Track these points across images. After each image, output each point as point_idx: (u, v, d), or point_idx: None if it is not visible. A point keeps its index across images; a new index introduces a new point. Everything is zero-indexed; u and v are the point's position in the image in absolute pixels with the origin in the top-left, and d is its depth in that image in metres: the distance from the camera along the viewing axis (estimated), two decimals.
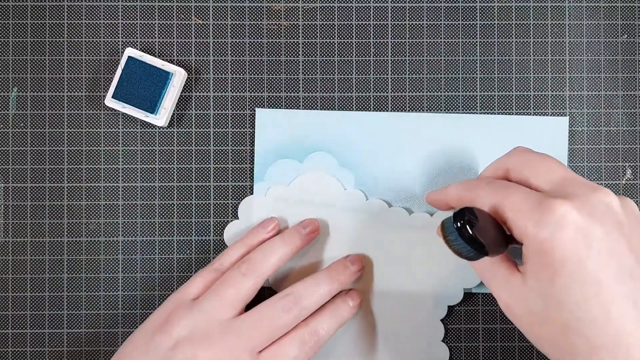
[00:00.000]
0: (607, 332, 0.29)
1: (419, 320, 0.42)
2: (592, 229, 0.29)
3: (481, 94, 0.43)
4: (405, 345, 0.42)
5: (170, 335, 0.36)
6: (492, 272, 0.33)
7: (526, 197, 0.31)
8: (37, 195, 0.43)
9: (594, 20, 0.43)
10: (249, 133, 0.43)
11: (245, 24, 0.43)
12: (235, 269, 0.38)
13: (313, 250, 0.42)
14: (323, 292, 0.38)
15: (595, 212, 0.30)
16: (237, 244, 0.40)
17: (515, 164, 0.34)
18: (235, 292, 0.37)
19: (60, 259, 0.43)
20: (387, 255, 0.42)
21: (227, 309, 0.36)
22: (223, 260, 0.39)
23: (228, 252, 0.40)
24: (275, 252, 0.39)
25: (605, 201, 0.30)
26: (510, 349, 0.43)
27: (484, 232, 0.31)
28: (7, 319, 0.43)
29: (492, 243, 0.32)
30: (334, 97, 0.43)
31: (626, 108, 0.43)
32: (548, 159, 0.33)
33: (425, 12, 0.43)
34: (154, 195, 0.43)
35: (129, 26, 0.43)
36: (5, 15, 0.43)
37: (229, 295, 0.37)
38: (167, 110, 0.42)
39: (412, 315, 0.42)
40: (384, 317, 0.42)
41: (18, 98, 0.43)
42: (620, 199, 0.31)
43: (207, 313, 0.36)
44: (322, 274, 0.39)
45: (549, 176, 0.32)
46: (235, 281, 0.37)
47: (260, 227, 0.41)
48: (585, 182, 0.32)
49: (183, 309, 0.37)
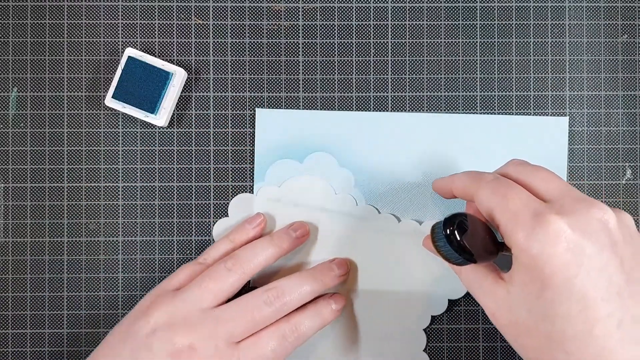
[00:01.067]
0: (588, 349, 0.29)
1: (403, 328, 0.42)
2: (583, 246, 0.29)
3: (481, 94, 0.43)
4: (388, 352, 0.42)
5: (148, 321, 0.36)
6: (478, 281, 0.33)
7: (526, 204, 0.31)
8: (37, 195, 0.43)
9: (594, 20, 0.43)
10: (249, 133, 0.43)
11: (245, 24, 0.43)
12: (221, 263, 0.38)
13: (300, 252, 0.42)
14: (306, 290, 0.38)
15: (589, 230, 0.30)
16: (223, 239, 0.40)
17: (512, 175, 0.34)
18: (218, 285, 0.37)
19: (60, 259, 0.43)
20: (374, 261, 0.42)
21: (209, 298, 0.37)
22: (208, 255, 0.40)
23: (214, 246, 0.40)
24: (263, 252, 0.39)
25: (600, 219, 0.30)
26: (510, 349, 0.43)
27: (474, 239, 0.32)
28: (7, 319, 0.43)
29: (481, 251, 0.32)
30: (334, 97, 0.43)
31: (626, 108, 0.43)
32: (543, 170, 0.33)
33: (425, 12, 0.43)
34: (154, 195, 0.43)
35: (129, 26, 0.43)
36: (5, 15, 0.43)
37: (211, 287, 0.37)
38: (167, 110, 0.42)
39: (396, 323, 0.42)
40: (367, 322, 0.42)
41: (18, 98, 0.43)
42: (616, 214, 0.31)
43: (188, 301, 0.36)
44: (307, 273, 0.39)
45: (545, 186, 0.32)
46: (220, 275, 0.37)
47: (247, 222, 0.41)
48: (582, 198, 0.31)
49: (164, 297, 0.37)
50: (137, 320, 0.36)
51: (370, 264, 0.42)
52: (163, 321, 0.36)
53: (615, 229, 0.30)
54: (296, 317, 0.38)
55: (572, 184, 0.43)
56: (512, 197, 0.31)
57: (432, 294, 0.42)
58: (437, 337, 0.43)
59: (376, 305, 0.42)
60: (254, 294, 0.37)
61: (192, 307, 0.36)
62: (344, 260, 0.41)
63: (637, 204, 0.43)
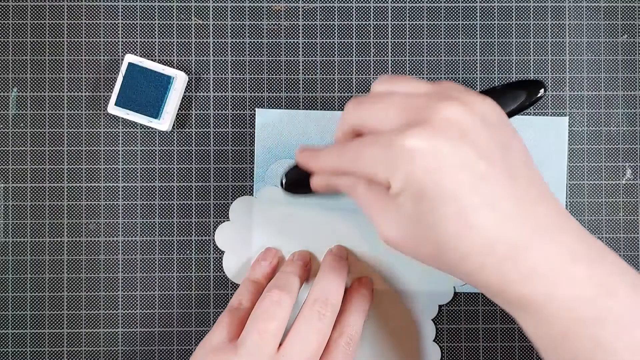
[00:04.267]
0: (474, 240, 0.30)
1: (411, 320, 0.42)
2: (438, 149, 0.29)
3: None
4: (397, 345, 0.42)
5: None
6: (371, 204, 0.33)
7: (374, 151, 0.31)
8: (37, 195, 0.43)
9: (594, 20, 0.43)
10: (249, 133, 0.43)
11: (245, 24, 0.43)
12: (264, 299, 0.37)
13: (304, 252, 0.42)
14: (339, 283, 0.38)
15: (438, 131, 0.30)
16: (244, 282, 0.40)
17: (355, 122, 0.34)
18: (274, 324, 0.36)
19: (60, 259, 0.43)
20: (377, 254, 0.42)
21: (271, 341, 0.35)
22: (241, 298, 0.39)
23: (240, 292, 0.39)
24: (294, 269, 0.40)
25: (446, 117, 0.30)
26: (510, 349, 0.43)
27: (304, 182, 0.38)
28: (7, 319, 0.43)
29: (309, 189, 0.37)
30: (334, 97, 0.43)
31: (626, 108, 0.43)
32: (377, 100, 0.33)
33: (425, 12, 0.43)
34: (154, 195, 0.43)
35: (129, 26, 0.43)
36: (5, 15, 0.43)
37: (270, 328, 0.35)
38: (170, 115, 0.42)
39: (404, 314, 0.42)
40: (375, 316, 0.42)
41: (18, 98, 0.43)
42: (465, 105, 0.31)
43: (253, 352, 0.35)
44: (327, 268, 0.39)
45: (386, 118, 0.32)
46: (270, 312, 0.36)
47: (262, 260, 0.41)
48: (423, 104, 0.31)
49: (226, 353, 0.35)
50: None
51: (372, 257, 0.42)
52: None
53: (462, 119, 0.30)
54: (344, 327, 0.38)
55: (572, 184, 0.43)
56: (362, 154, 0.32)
57: (437, 282, 0.42)
58: (437, 337, 0.43)
59: (383, 297, 0.42)
60: (305, 317, 0.36)
61: (260, 357, 0.35)
62: (341, 247, 0.42)
63: (637, 204, 0.43)
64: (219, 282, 0.43)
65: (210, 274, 0.43)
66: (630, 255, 0.43)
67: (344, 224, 0.42)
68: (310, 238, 0.42)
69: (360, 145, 0.32)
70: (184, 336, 0.43)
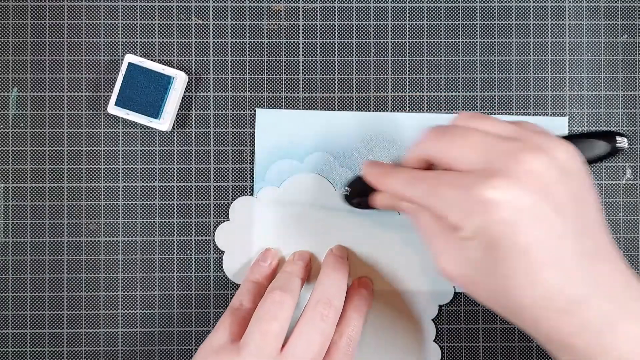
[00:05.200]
0: (535, 294, 0.30)
1: (411, 320, 0.42)
2: (517, 203, 0.29)
3: (481, 94, 0.43)
4: (397, 345, 0.42)
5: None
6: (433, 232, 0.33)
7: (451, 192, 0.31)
8: (37, 195, 0.43)
9: (594, 20, 0.43)
10: (249, 133, 0.43)
11: (245, 24, 0.43)
12: (266, 300, 0.37)
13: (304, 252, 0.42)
14: (341, 281, 0.39)
15: (520, 185, 0.30)
16: (244, 283, 0.40)
17: (431, 153, 0.33)
18: (276, 323, 0.35)
19: (60, 259, 0.43)
20: (378, 254, 0.42)
21: (274, 341, 0.35)
22: (242, 299, 0.39)
23: (241, 292, 0.39)
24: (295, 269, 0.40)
25: (530, 169, 0.30)
26: (510, 349, 0.43)
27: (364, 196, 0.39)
28: (7, 319, 0.43)
29: None
30: (334, 97, 0.43)
31: (626, 108, 0.43)
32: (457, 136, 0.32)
33: (425, 12, 0.43)
34: (154, 195, 0.43)
35: (129, 26, 0.43)
36: (5, 15, 0.43)
37: (272, 328, 0.35)
38: (170, 115, 0.42)
39: (404, 314, 0.42)
40: (375, 317, 0.42)
41: (18, 98, 0.43)
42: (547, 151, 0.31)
43: (255, 352, 0.35)
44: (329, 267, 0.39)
45: (466, 158, 0.32)
46: (272, 312, 0.36)
47: (261, 261, 0.41)
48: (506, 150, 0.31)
49: (228, 353, 0.35)
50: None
51: (373, 257, 0.42)
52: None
53: (544, 172, 0.30)
54: (344, 328, 0.38)
55: None
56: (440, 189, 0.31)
57: (437, 282, 0.42)
58: (437, 337, 0.43)
59: (383, 297, 0.42)
60: (307, 318, 0.37)
61: (263, 358, 0.35)
62: (341, 247, 0.42)
63: (637, 204, 0.43)
64: (219, 282, 0.43)
65: (210, 274, 0.43)
66: (631, 255, 0.43)
67: (344, 224, 0.42)
68: (310, 238, 0.42)
69: (437, 182, 0.32)
70: (184, 336, 0.43)
